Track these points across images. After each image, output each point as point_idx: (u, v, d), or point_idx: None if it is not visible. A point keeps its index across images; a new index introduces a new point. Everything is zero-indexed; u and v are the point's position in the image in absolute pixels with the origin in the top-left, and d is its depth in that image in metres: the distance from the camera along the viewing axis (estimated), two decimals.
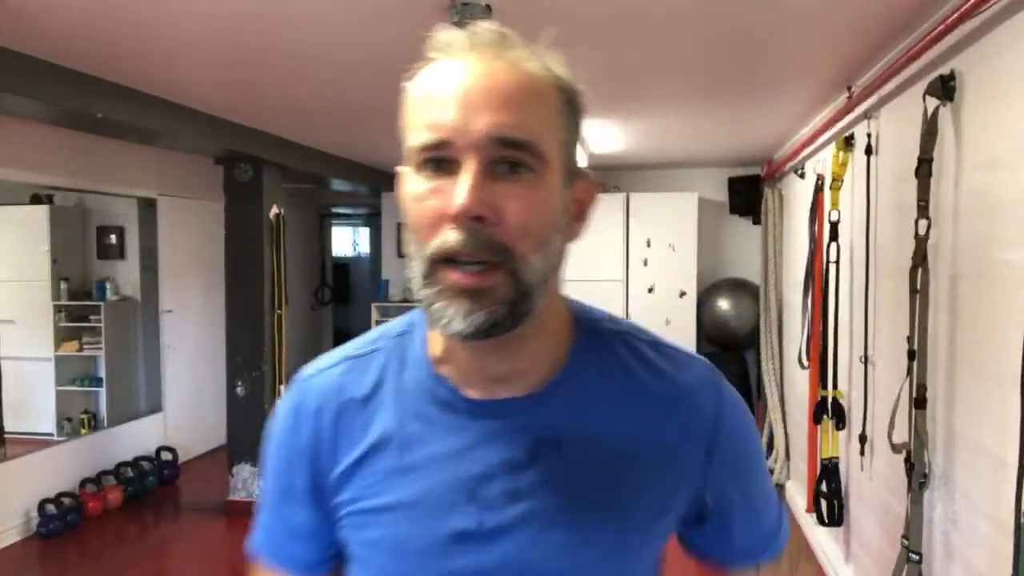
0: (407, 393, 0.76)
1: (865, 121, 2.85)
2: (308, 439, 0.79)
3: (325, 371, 0.81)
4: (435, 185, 0.65)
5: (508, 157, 0.64)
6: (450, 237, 0.64)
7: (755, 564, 0.83)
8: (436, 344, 0.76)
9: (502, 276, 0.64)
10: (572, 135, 0.70)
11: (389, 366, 0.78)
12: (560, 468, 0.71)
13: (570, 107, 0.69)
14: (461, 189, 0.63)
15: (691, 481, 0.75)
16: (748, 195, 5.60)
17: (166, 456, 5.21)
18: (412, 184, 0.67)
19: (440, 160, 0.65)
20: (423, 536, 0.72)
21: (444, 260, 0.65)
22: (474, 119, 0.63)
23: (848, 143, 3.14)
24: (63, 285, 5.38)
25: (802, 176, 4.24)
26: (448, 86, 0.65)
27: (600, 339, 0.77)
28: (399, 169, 0.71)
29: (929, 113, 2.09)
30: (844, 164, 3.18)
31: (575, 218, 0.72)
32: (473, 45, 0.67)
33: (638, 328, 0.80)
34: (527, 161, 0.64)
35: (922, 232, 2.13)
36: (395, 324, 0.83)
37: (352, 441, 0.76)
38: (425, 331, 0.77)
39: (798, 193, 4.39)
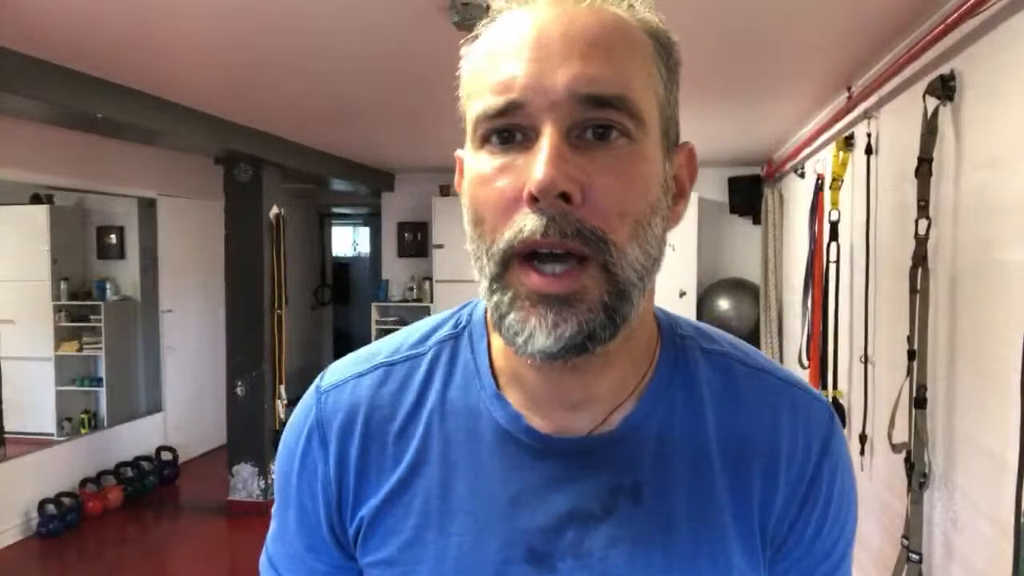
0: (456, 416, 0.61)
1: (865, 121, 2.85)
2: (333, 466, 0.63)
3: (355, 380, 0.64)
4: (504, 162, 0.52)
5: (597, 119, 0.51)
6: (528, 223, 0.50)
7: None
8: (499, 354, 0.61)
9: (594, 273, 0.51)
10: (671, 93, 0.56)
11: (434, 377, 0.63)
12: (641, 522, 0.58)
13: (666, 58, 0.56)
14: (540, 161, 0.49)
15: (775, 536, 0.62)
16: (748, 195, 5.60)
17: (166, 456, 5.22)
18: (474, 164, 0.53)
19: (510, 130, 0.51)
20: None
21: (522, 256, 0.51)
22: (552, 73, 0.50)
23: (848, 143, 3.14)
24: (63, 285, 5.38)
25: (802, 176, 4.24)
26: (516, 36, 0.52)
27: (690, 360, 0.62)
28: (458, 153, 0.59)
29: (929, 113, 2.09)
30: (844, 164, 3.18)
31: (676, 197, 0.58)
32: None
33: (741, 349, 0.65)
34: (621, 123, 0.51)
35: (922, 232, 2.13)
36: (442, 321, 0.66)
37: (381, 475, 0.61)
38: (484, 334, 0.63)
39: (798, 193, 4.39)
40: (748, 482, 0.60)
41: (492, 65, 0.52)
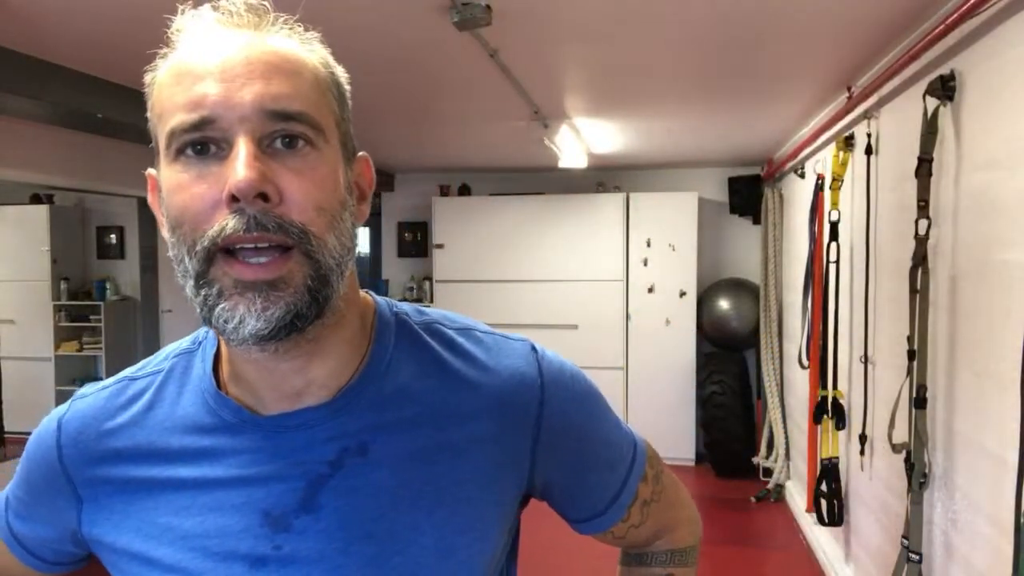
0: (185, 419, 0.67)
1: (865, 121, 2.85)
2: (68, 467, 0.70)
3: (97, 392, 0.72)
4: (200, 171, 0.57)
5: (283, 131, 0.58)
6: (231, 223, 0.55)
7: (603, 530, 0.79)
8: (224, 359, 0.68)
9: (298, 259, 0.58)
10: (344, 111, 0.65)
11: (167, 389, 0.70)
12: (367, 476, 0.64)
13: (337, 87, 0.65)
14: (239, 165, 0.55)
15: (519, 470, 0.70)
16: (748, 195, 5.59)
17: None
18: (170, 175, 0.59)
19: (204, 143, 0.57)
20: (214, 572, 0.64)
21: (223, 252, 0.57)
22: (239, 91, 0.57)
23: (848, 143, 3.14)
24: (63, 285, 5.38)
25: (802, 176, 4.24)
26: (204, 61, 0.58)
27: (406, 332, 0.70)
28: (150, 172, 0.64)
29: (929, 113, 2.09)
30: (844, 164, 3.18)
31: (360, 200, 0.67)
32: (224, 22, 0.61)
33: (448, 316, 0.74)
34: (305, 134, 0.59)
35: (922, 232, 2.13)
36: (184, 340, 0.74)
37: (115, 477, 0.68)
38: (215, 344, 0.69)
39: (798, 193, 4.39)
40: (482, 425, 0.68)
41: (182, 86, 0.58)
